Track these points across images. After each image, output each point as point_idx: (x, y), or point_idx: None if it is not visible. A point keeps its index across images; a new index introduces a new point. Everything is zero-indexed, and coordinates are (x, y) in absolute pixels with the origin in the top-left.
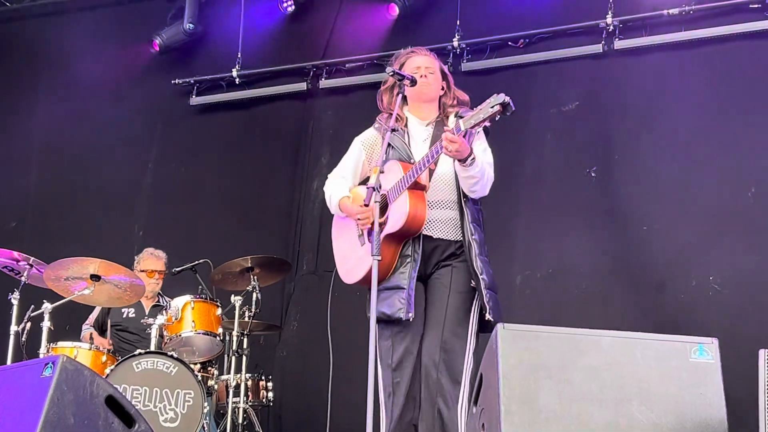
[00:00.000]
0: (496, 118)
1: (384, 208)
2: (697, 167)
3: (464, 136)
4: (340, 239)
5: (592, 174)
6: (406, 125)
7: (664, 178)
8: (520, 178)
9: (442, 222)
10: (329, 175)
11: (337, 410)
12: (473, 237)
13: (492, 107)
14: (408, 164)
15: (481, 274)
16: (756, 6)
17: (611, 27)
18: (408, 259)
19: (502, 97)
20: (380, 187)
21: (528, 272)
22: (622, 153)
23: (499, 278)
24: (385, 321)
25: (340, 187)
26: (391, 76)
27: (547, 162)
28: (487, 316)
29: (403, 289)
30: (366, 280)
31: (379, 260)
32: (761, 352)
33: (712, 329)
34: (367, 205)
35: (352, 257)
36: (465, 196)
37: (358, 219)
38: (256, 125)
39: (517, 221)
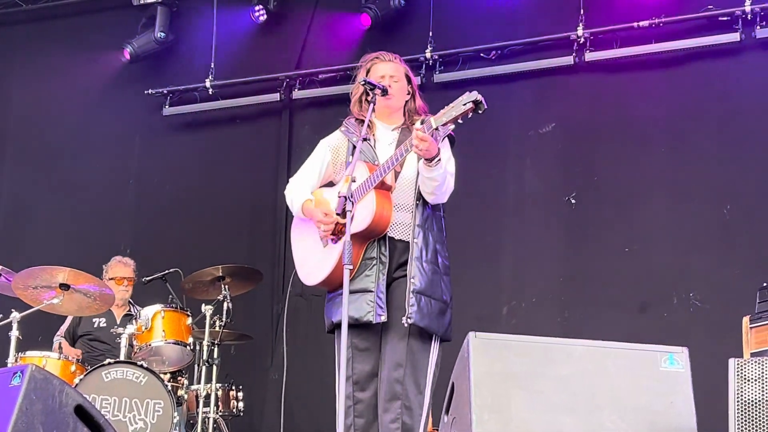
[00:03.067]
0: (468, 116)
1: (342, 212)
2: (673, 184)
3: (433, 135)
4: (300, 239)
5: (572, 201)
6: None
7: (642, 197)
8: (504, 207)
9: (403, 225)
10: (291, 179)
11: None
12: (415, 240)
13: (464, 104)
14: (374, 165)
15: (412, 278)
16: (725, 19)
17: (582, 39)
18: (373, 262)
19: (474, 95)
20: (352, 196)
21: (514, 302)
22: (600, 174)
23: (487, 309)
24: (351, 326)
25: (302, 190)
26: (363, 85)
27: (529, 188)
28: (403, 321)
29: (371, 291)
30: (327, 282)
31: (350, 269)
32: (731, 361)
33: (693, 343)
34: (339, 214)
35: (313, 258)
36: (420, 198)
37: (321, 228)
38: (231, 136)
39: (502, 251)
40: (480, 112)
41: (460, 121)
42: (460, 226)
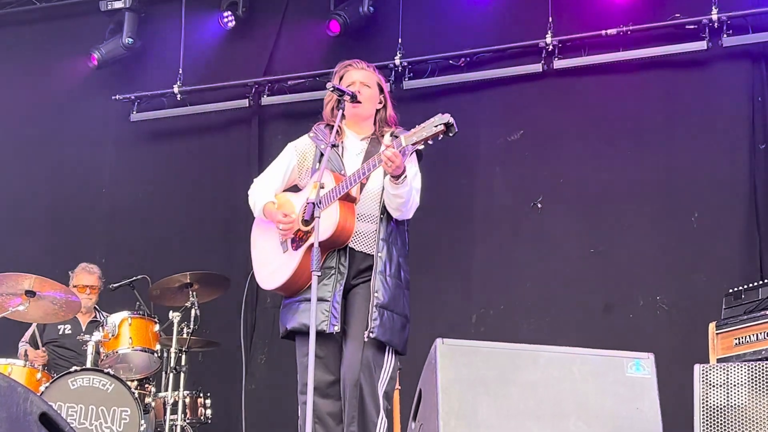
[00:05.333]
0: (439, 137)
1: (311, 218)
2: (640, 190)
3: (401, 152)
4: (260, 243)
5: (538, 205)
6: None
7: (608, 200)
8: (473, 215)
9: (364, 235)
10: (255, 179)
11: None
12: (379, 254)
13: (435, 126)
14: (340, 176)
15: (376, 292)
16: (692, 27)
17: (551, 47)
18: (332, 271)
19: (446, 118)
20: (320, 202)
21: (482, 310)
22: (567, 177)
23: (456, 317)
24: (305, 333)
25: (265, 191)
26: (332, 91)
27: (497, 196)
28: (365, 335)
29: (327, 301)
30: (284, 287)
31: (318, 275)
32: (696, 367)
33: (660, 347)
34: (306, 221)
35: (273, 263)
36: (385, 211)
37: (280, 228)
38: (200, 142)
39: (471, 260)
40: (450, 135)
41: (430, 142)
42: (429, 234)
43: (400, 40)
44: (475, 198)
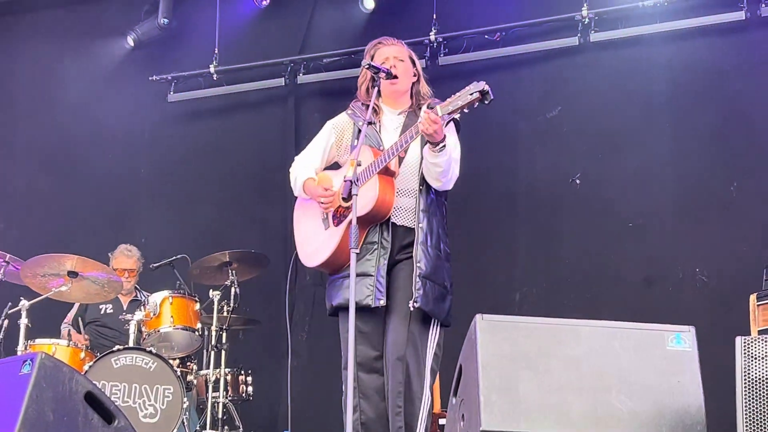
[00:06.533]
0: (475, 106)
1: (348, 196)
2: (680, 161)
3: None
4: (302, 221)
5: (577, 182)
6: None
7: (648, 173)
8: (515, 194)
9: (405, 209)
10: (296, 157)
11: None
12: (420, 225)
13: (471, 94)
14: (378, 150)
15: (418, 262)
16: None
17: (587, 20)
18: (374, 246)
19: (481, 85)
20: (358, 180)
21: (525, 288)
22: (606, 152)
23: (501, 297)
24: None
25: (306, 169)
26: (367, 68)
27: (538, 174)
28: (410, 305)
29: (371, 276)
30: (327, 264)
31: (356, 252)
32: (738, 339)
33: (700, 320)
34: (345, 199)
35: (315, 240)
36: (424, 183)
37: (321, 202)
38: (237, 122)
39: (513, 239)
40: (486, 102)
41: (465, 110)
42: (470, 214)
43: (434, 16)
44: (517, 176)
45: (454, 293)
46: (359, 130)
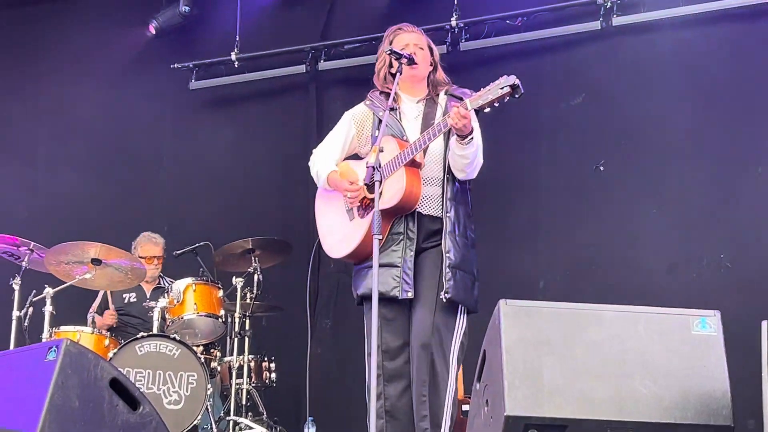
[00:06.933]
0: (505, 100)
1: (371, 183)
2: (703, 147)
3: None
4: (326, 212)
5: (600, 168)
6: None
7: (671, 159)
8: (539, 182)
9: (431, 198)
10: (315, 150)
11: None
12: (448, 215)
13: (501, 88)
14: (403, 142)
15: (447, 252)
16: None
17: (609, 3)
18: (400, 237)
19: (512, 79)
20: (380, 166)
21: (549, 275)
22: (629, 138)
23: (525, 284)
24: (378, 298)
25: (327, 161)
26: (389, 55)
27: (562, 161)
28: (442, 295)
29: (397, 266)
30: (353, 255)
31: (380, 239)
32: (763, 323)
33: (724, 305)
34: (367, 185)
35: (340, 231)
36: (449, 172)
37: (348, 196)
38: (258, 109)
39: (538, 226)
40: (517, 96)
41: (496, 104)
42: (494, 202)
43: (455, 1)
44: (540, 163)
45: (479, 279)
46: (380, 120)
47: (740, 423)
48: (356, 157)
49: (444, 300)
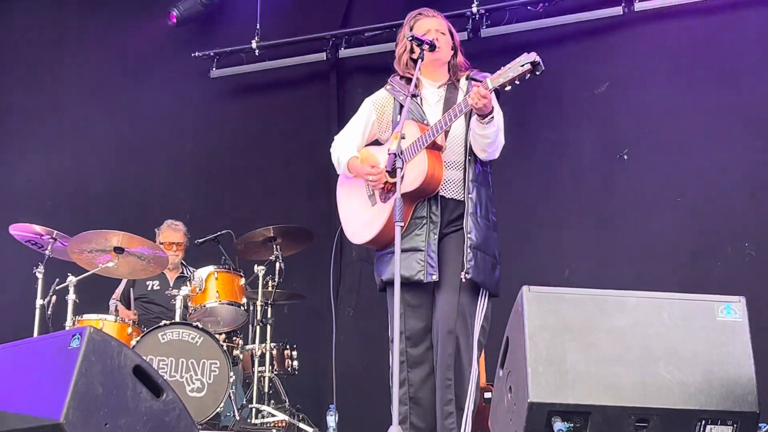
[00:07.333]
0: (526, 77)
1: (393, 170)
2: (728, 134)
3: None
4: (347, 199)
5: (624, 157)
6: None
7: (695, 147)
8: (563, 170)
9: (453, 182)
10: (336, 137)
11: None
12: (470, 196)
13: (522, 66)
14: (424, 125)
15: (468, 233)
16: None
17: None
18: (423, 221)
19: (532, 56)
20: (402, 153)
21: (575, 265)
22: (652, 125)
23: (549, 273)
24: (402, 284)
25: (348, 148)
26: (410, 41)
27: (586, 149)
28: (462, 276)
29: (421, 250)
30: (376, 240)
31: (402, 226)
32: None
33: (749, 294)
34: (389, 172)
35: (362, 217)
36: (471, 154)
37: (370, 180)
38: (279, 97)
39: (564, 214)
40: (537, 73)
41: (517, 82)
42: (518, 190)
43: None
44: (564, 151)
45: (502, 266)
46: (401, 106)
47: (765, 409)
48: (377, 143)
49: (464, 280)
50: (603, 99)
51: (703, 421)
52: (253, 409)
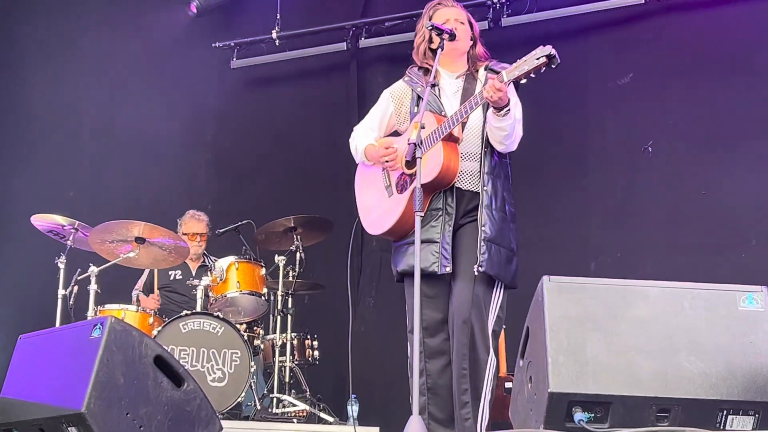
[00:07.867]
0: (541, 70)
1: (412, 159)
2: (752, 126)
3: None
4: (365, 189)
5: (649, 150)
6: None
7: (719, 139)
8: (587, 162)
9: (469, 174)
10: (355, 127)
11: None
12: (485, 188)
13: (537, 59)
14: (440, 116)
15: (482, 226)
16: None
17: None
18: (439, 213)
19: (548, 49)
20: (422, 142)
21: (600, 258)
22: (676, 118)
23: (575, 266)
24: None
25: (366, 137)
26: (430, 30)
27: (609, 142)
28: (474, 269)
29: (436, 242)
30: (392, 231)
31: (421, 216)
32: None
33: None
34: (408, 163)
35: (379, 208)
36: (487, 146)
37: (386, 161)
38: (299, 87)
39: (589, 207)
40: (553, 66)
41: (532, 75)
42: (543, 183)
43: None
44: (587, 143)
45: (525, 258)
46: (418, 97)
47: None
48: (396, 134)
49: (477, 273)
50: (627, 90)
51: (725, 411)
52: (274, 399)
